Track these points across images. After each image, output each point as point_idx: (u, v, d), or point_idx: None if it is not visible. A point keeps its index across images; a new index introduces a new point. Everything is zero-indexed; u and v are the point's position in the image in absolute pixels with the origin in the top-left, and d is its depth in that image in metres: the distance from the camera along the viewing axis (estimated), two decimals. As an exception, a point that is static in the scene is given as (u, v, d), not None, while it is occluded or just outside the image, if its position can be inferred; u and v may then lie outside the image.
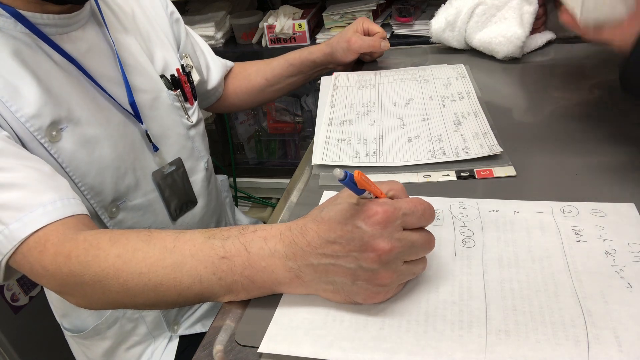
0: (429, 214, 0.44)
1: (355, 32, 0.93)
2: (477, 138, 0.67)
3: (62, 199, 0.54)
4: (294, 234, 0.45)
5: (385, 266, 0.42)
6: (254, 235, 0.47)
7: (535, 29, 0.90)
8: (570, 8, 0.60)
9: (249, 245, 0.46)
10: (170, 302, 0.50)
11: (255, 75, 0.99)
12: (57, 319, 0.81)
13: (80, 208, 0.55)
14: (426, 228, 0.46)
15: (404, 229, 0.43)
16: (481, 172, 0.62)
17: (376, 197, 0.44)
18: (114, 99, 0.67)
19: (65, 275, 0.50)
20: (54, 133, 0.60)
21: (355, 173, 0.41)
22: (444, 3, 0.97)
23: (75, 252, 0.49)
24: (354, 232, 0.42)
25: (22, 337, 1.22)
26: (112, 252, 0.49)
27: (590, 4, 0.56)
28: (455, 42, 0.94)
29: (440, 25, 0.93)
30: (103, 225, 0.68)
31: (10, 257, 0.52)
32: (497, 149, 0.63)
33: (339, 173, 0.39)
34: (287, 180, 1.20)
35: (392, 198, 0.45)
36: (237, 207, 1.09)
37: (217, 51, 1.01)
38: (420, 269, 0.46)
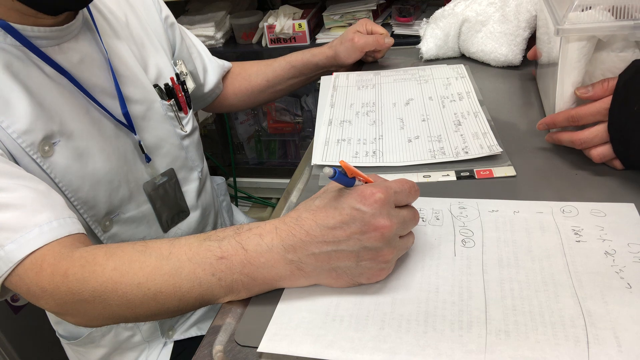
0: (415, 190, 0.48)
1: (357, 31, 0.93)
2: (476, 138, 0.67)
3: (58, 219, 0.53)
4: (289, 227, 0.45)
5: (388, 243, 0.44)
6: (249, 234, 0.47)
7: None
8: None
9: (245, 244, 0.46)
10: (171, 310, 0.49)
11: (255, 76, 0.99)
12: (53, 325, 0.80)
13: (76, 227, 0.54)
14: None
15: (396, 206, 0.46)
16: (481, 172, 0.62)
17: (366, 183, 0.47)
18: (107, 111, 0.66)
19: (64, 294, 0.49)
20: (46, 148, 0.59)
21: (341, 162, 0.43)
22: (427, 19, 0.98)
23: (72, 270, 0.49)
24: (353, 215, 0.44)
25: (22, 337, 1.22)
26: (109, 266, 0.48)
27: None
28: (450, 54, 0.95)
29: (431, 50, 0.94)
30: (97, 239, 0.67)
31: (6, 278, 0.51)
32: (497, 149, 0.63)
33: (328, 171, 0.42)
34: (287, 180, 1.20)
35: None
36: (237, 207, 1.08)
37: (217, 51, 1.01)
38: (411, 242, 0.49)
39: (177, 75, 0.79)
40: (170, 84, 0.76)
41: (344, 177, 0.44)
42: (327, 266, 0.45)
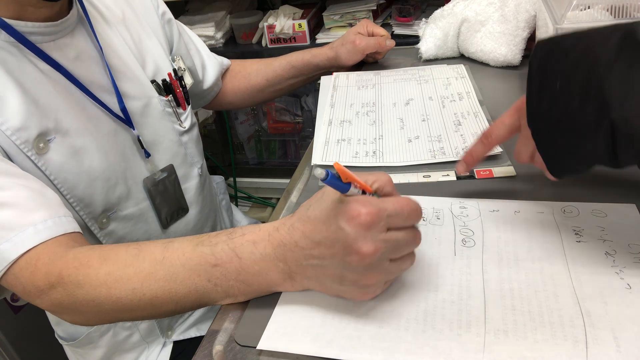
0: (415, 215, 0.43)
1: (358, 33, 0.93)
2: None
3: (53, 217, 0.53)
4: (281, 235, 0.45)
5: (370, 268, 0.41)
6: (242, 240, 0.46)
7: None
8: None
9: (239, 251, 0.46)
10: (169, 312, 0.49)
11: (255, 75, 0.99)
12: (53, 326, 0.80)
13: (71, 226, 0.54)
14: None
15: (389, 229, 0.42)
16: (481, 172, 0.62)
17: (363, 192, 0.43)
18: (106, 107, 0.65)
19: (59, 294, 0.49)
20: (41, 145, 0.58)
21: (335, 164, 0.39)
22: (427, 19, 0.98)
23: (66, 272, 0.49)
24: (337, 234, 0.41)
25: (22, 337, 1.22)
26: (103, 270, 0.48)
27: None
28: (449, 54, 0.95)
29: (430, 50, 0.94)
30: (93, 237, 0.66)
31: (2, 277, 0.51)
32: (497, 149, 0.63)
33: (319, 173, 0.38)
34: (287, 180, 1.20)
35: (377, 190, 0.44)
36: (237, 207, 1.08)
37: (217, 51, 1.00)
38: (408, 264, 0.45)
39: (174, 70, 0.78)
40: (167, 79, 0.76)
41: (337, 181, 0.40)
42: (315, 278, 0.45)
